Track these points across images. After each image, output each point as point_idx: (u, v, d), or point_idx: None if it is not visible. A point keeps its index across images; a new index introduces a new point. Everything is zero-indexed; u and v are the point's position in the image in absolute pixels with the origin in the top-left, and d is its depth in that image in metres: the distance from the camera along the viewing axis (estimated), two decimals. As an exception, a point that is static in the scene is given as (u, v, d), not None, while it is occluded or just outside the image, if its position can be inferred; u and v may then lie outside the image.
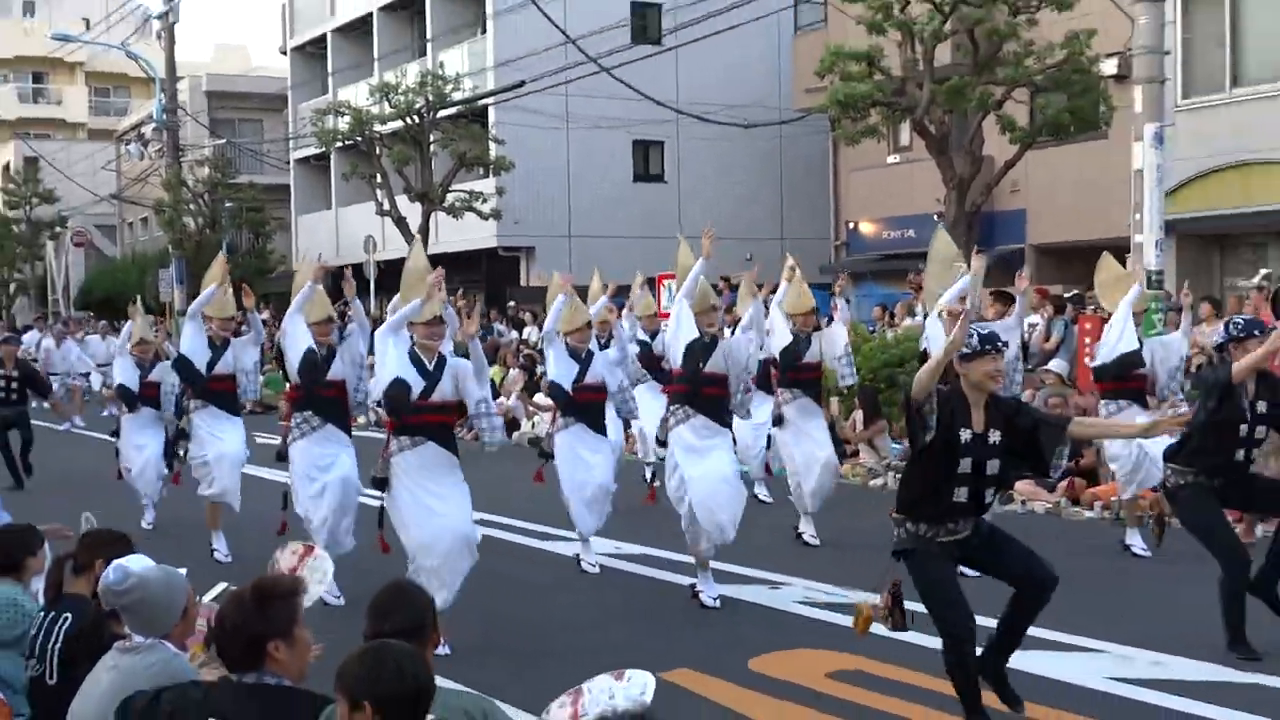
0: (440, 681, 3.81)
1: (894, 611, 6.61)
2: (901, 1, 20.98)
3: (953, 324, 10.23)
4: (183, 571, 4.74)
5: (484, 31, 36.16)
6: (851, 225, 31.31)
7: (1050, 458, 6.49)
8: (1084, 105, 21.42)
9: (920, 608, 6.65)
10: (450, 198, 31.89)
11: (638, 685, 3.86)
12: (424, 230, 31.90)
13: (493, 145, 32.89)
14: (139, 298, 15.49)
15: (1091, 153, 24.63)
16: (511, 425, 20.37)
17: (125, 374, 13.26)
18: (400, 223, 31.71)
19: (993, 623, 6.79)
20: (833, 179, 32.94)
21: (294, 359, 10.15)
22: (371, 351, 9.61)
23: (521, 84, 30.46)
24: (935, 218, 24.18)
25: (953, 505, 6.42)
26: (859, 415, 16.92)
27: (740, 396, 9.99)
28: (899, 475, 12.21)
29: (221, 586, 5.14)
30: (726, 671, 7.93)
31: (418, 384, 8.38)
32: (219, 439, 11.85)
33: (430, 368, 8.46)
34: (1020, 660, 7.68)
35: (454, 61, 35.12)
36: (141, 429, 13.22)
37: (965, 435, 6.35)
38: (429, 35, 38.01)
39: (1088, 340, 17.97)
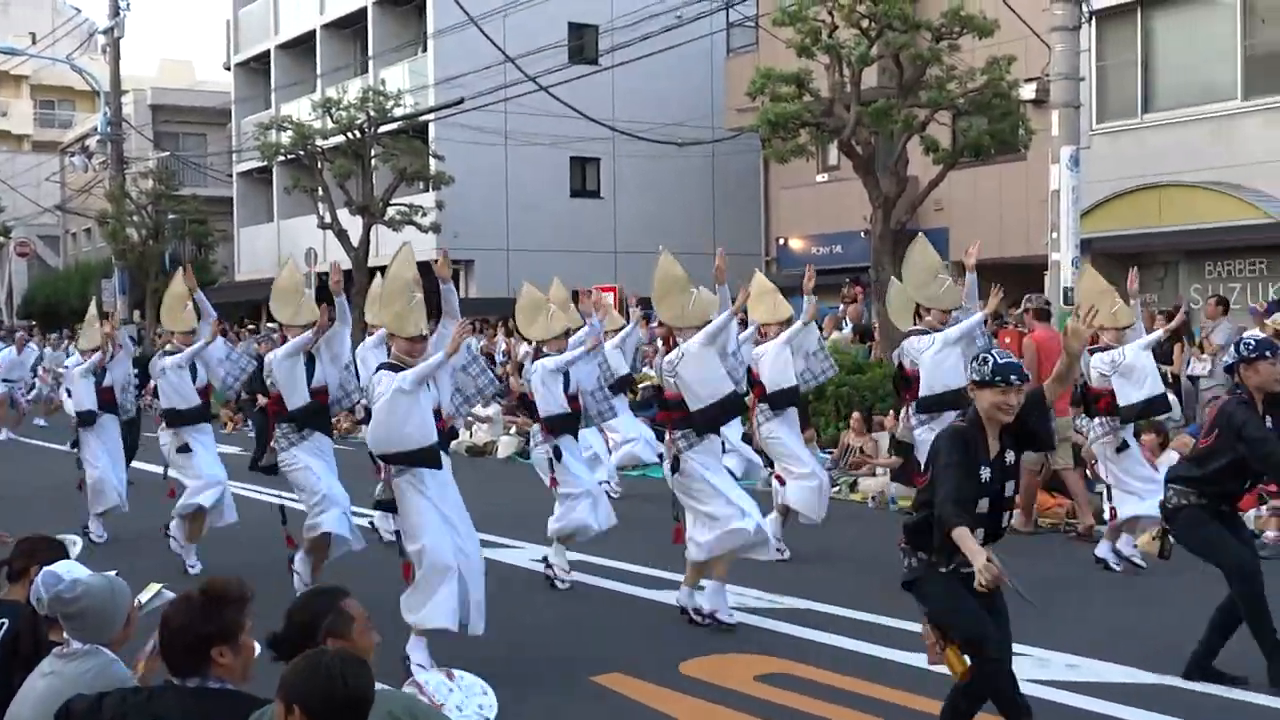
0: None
1: (946, 642, 6.00)
2: (830, 26, 21.57)
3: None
4: (110, 572, 4.66)
5: (425, 50, 36.61)
6: (782, 241, 31.85)
7: (1048, 431, 6.14)
8: (1004, 128, 22.08)
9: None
10: (390, 211, 32.24)
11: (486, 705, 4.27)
12: (364, 242, 32.35)
13: (433, 160, 33.32)
14: (96, 302, 15.64)
15: (1011, 174, 25.44)
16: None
17: (86, 397, 13.12)
18: (341, 235, 32.06)
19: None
20: (763, 196, 33.54)
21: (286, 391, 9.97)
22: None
23: (461, 101, 30.89)
24: (862, 234, 24.90)
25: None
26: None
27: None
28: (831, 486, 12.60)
29: (155, 588, 4.97)
30: (656, 675, 7.99)
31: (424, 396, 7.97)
32: (211, 460, 11.95)
33: None
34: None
35: (395, 78, 35.54)
36: (99, 439, 13.14)
37: (985, 474, 5.87)
38: (371, 53, 38.38)
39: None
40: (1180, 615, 9.37)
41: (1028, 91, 22.99)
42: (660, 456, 11.64)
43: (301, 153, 33.22)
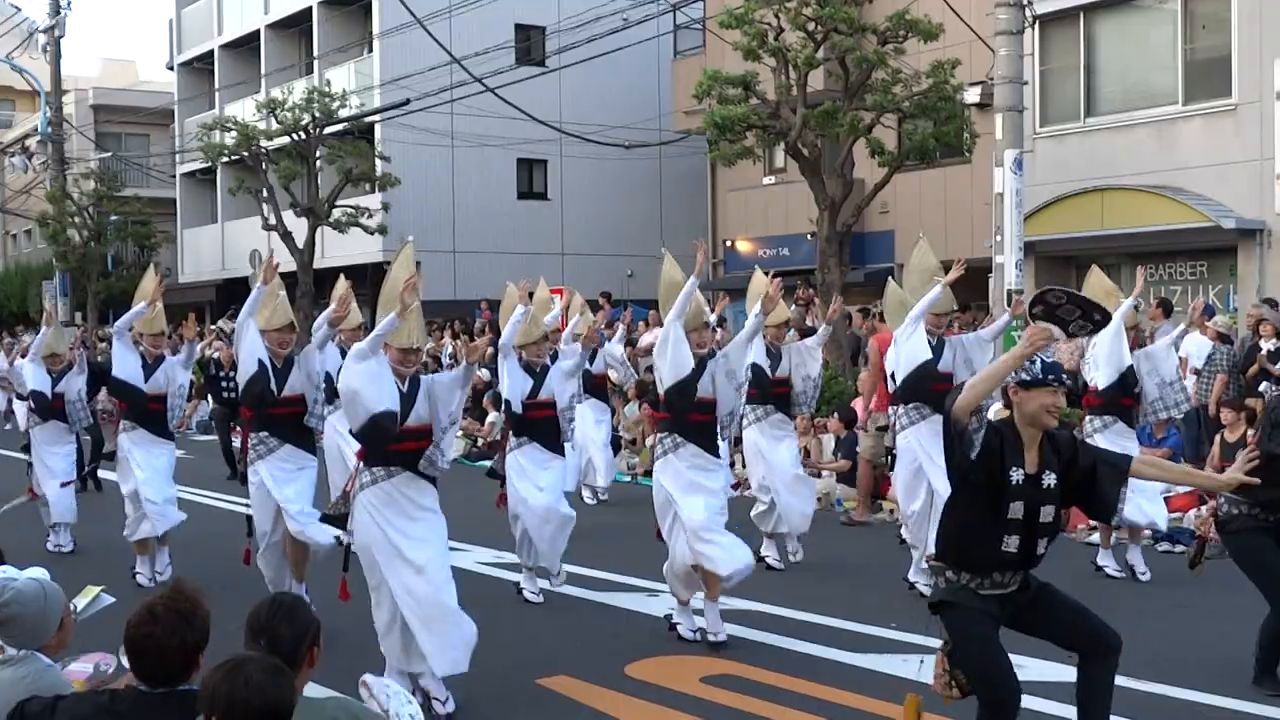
0: (308, 691, 3.91)
1: (954, 676, 5.72)
2: (776, 29, 21.67)
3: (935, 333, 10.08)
4: (41, 573, 4.58)
5: (370, 50, 36.45)
6: (728, 243, 31.94)
7: (1115, 501, 5.76)
8: (948, 131, 22.23)
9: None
10: (336, 213, 32.11)
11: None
12: (310, 245, 32.18)
13: (379, 162, 33.23)
14: (56, 305, 15.50)
15: (956, 177, 25.63)
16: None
17: (38, 380, 12.88)
18: (286, 237, 31.88)
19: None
20: (710, 199, 33.61)
21: (242, 374, 9.24)
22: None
23: (407, 102, 30.79)
24: (809, 237, 24.99)
25: (1001, 556, 5.59)
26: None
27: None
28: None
29: (93, 592, 4.87)
30: (603, 677, 7.97)
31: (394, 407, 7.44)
32: (147, 471, 11.19)
33: (404, 388, 7.57)
34: (882, 663, 8.23)
35: (341, 79, 35.37)
36: (51, 445, 12.94)
37: (1016, 476, 5.54)
38: (316, 53, 38.17)
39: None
40: (1124, 617, 9.45)
41: (972, 95, 23.16)
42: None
43: (246, 154, 33.03)
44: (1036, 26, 21.24)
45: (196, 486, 16.17)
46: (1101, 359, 11.01)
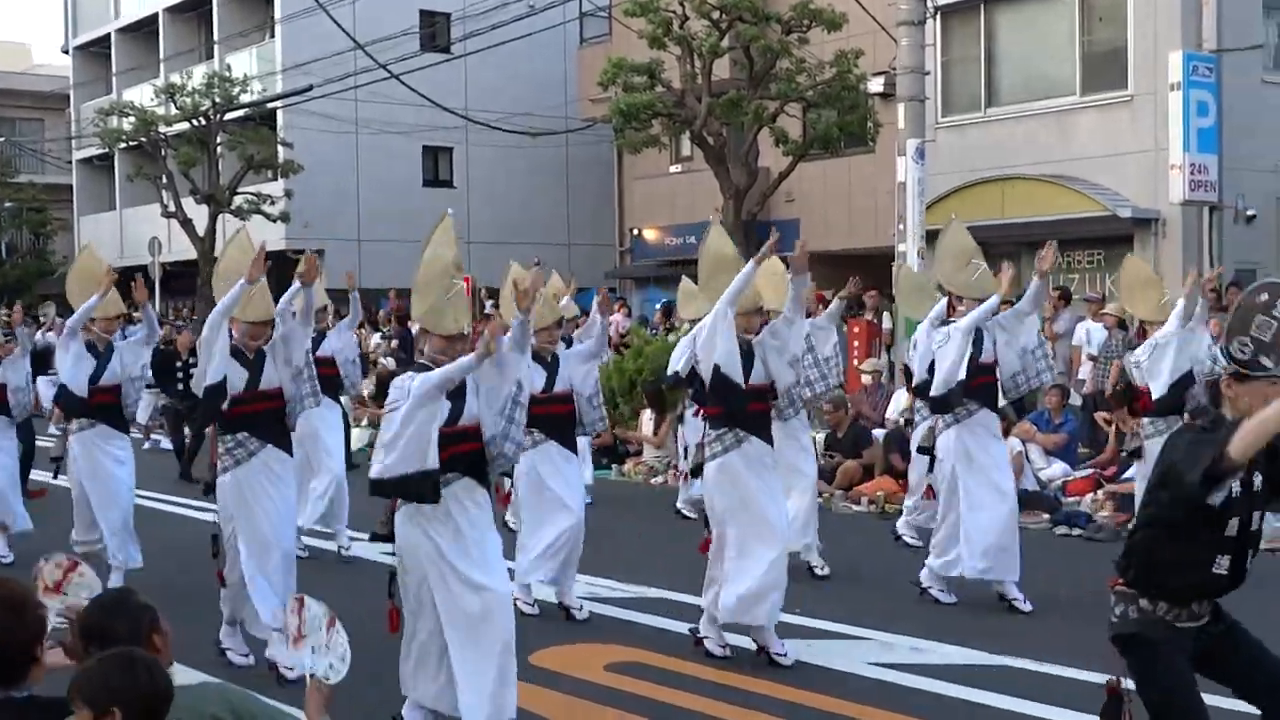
0: (186, 677, 3.82)
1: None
2: (681, 17, 21.75)
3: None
4: None
5: (272, 35, 36.00)
6: (635, 231, 31.95)
7: None
8: (852, 121, 22.44)
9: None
10: (238, 200, 31.76)
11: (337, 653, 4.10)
12: (210, 232, 31.77)
13: (281, 148, 32.87)
14: None
15: (860, 166, 25.82)
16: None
17: None
18: (186, 225, 31.48)
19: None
20: (617, 187, 33.63)
21: (211, 376, 8.03)
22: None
23: (310, 88, 30.49)
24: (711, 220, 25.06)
25: (1209, 580, 4.78)
26: (646, 415, 17.10)
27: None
28: (681, 473, 12.31)
29: None
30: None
31: (444, 410, 6.43)
32: (103, 474, 10.14)
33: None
34: (785, 647, 8.17)
35: (242, 64, 34.95)
36: None
37: (1235, 488, 4.66)
38: (216, 37, 37.66)
39: (855, 343, 19.03)
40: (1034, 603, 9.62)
41: (875, 85, 23.38)
42: None
43: (144, 140, 32.56)
44: (938, 17, 21.48)
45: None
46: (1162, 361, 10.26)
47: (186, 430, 17.33)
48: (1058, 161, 21.64)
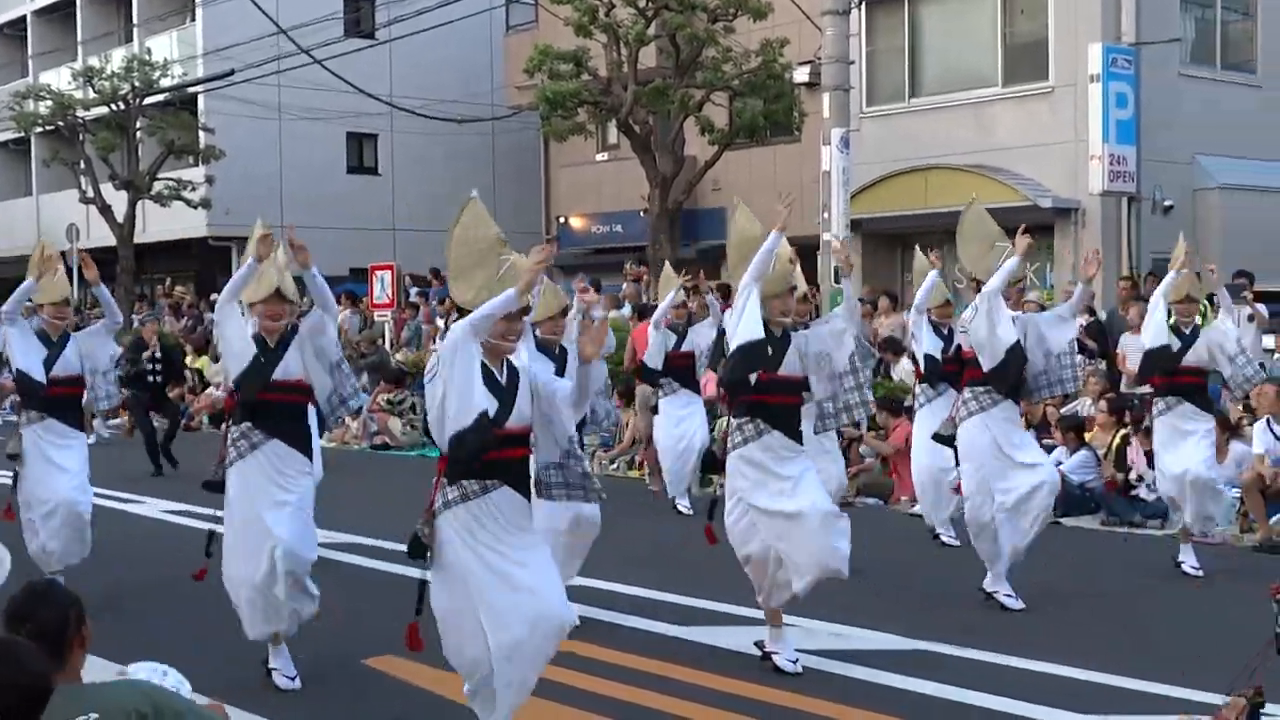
0: (108, 674, 3.81)
1: None
2: (607, 5, 21.73)
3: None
4: None
5: (193, 18, 35.55)
6: (562, 220, 31.94)
7: None
8: (778, 110, 22.51)
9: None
10: (158, 186, 31.38)
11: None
12: (130, 219, 31.36)
13: (202, 134, 32.49)
14: None
15: (785, 155, 25.95)
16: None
17: None
18: (105, 211, 31.03)
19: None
20: (544, 175, 33.58)
21: (234, 361, 7.55)
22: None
23: (232, 73, 30.12)
24: (641, 214, 25.10)
25: None
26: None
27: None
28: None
29: None
30: (432, 657, 7.34)
31: (491, 407, 5.80)
32: (52, 474, 9.46)
33: (503, 381, 5.93)
34: (706, 634, 8.28)
35: (162, 48, 34.47)
36: None
37: None
38: (135, 20, 37.12)
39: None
40: (942, 586, 9.72)
41: (801, 74, 23.51)
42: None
43: (61, 124, 32.06)
44: (863, 7, 21.59)
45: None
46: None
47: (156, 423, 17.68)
48: (980, 152, 21.86)
